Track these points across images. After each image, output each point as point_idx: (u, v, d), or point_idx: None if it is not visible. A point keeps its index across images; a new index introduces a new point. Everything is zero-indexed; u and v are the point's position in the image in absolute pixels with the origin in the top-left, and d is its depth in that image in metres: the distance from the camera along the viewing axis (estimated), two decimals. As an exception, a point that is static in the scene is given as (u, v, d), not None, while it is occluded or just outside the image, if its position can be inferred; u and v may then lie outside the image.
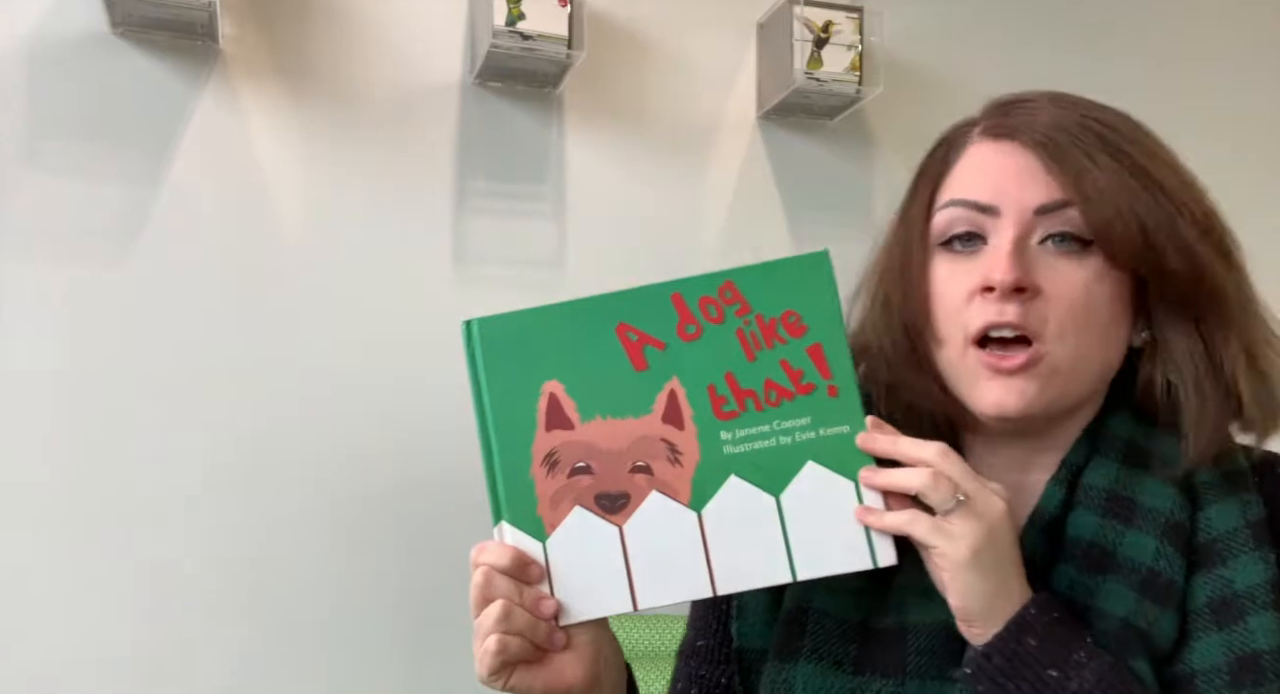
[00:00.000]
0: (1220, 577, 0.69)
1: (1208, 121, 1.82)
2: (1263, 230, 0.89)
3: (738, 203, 1.58)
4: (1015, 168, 0.71)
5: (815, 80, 1.49)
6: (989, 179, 0.72)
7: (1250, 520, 0.71)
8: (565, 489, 0.67)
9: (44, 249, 1.31)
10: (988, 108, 0.77)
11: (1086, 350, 0.70)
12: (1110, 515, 0.70)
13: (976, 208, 0.72)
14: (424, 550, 1.42)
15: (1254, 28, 1.88)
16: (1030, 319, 0.69)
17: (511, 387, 0.68)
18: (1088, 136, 0.71)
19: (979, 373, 0.70)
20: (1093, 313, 0.70)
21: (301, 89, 1.42)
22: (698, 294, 0.70)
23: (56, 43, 1.33)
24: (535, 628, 0.65)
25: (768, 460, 0.67)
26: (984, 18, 1.72)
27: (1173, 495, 0.71)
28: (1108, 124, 0.72)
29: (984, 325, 0.70)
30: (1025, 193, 0.70)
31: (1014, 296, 0.69)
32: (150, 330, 1.33)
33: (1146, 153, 0.72)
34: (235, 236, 1.38)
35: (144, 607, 1.31)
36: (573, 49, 1.40)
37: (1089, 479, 0.73)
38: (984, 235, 0.72)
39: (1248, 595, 0.68)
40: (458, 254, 1.46)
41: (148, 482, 1.32)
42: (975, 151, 0.74)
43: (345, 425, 1.40)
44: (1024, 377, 0.69)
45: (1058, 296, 0.69)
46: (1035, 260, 0.70)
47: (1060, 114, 0.72)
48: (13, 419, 1.28)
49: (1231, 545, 0.70)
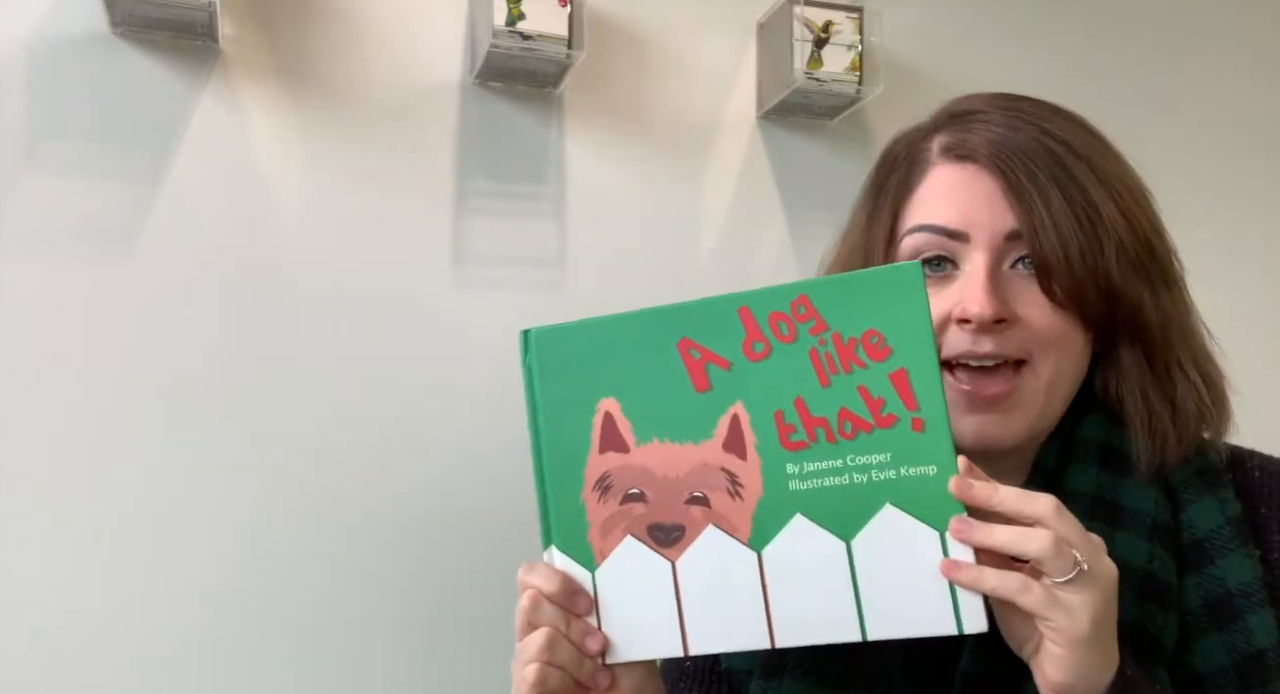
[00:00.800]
0: (1212, 576, 0.69)
1: (1209, 121, 1.82)
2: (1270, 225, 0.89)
3: (738, 203, 1.58)
4: (982, 193, 0.72)
5: (815, 80, 1.49)
6: (956, 205, 0.72)
7: (1230, 517, 0.71)
8: (617, 516, 0.63)
9: (43, 249, 1.31)
10: (940, 117, 0.77)
11: (1062, 369, 0.71)
12: (1098, 520, 0.71)
13: (946, 234, 0.72)
14: (424, 549, 1.42)
15: (1259, 25, 1.88)
16: (1008, 347, 0.70)
17: (567, 402, 0.64)
18: (1041, 160, 0.71)
19: (956, 401, 0.71)
20: (1064, 334, 0.71)
21: (301, 89, 1.42)
22: (768, 308, 0.62)
23: (56, 43, 1.33)
24: (580, 664, 0.63)
25: (839, 500, 0.60)
26: (984, 18, 1.72)
27: (1154, 496, 0.72)
28: (1061, 139, 0.72)
29: (959, 354, 0.70)
30: (995, 220, 0.71)
31: (991, 328, 0.69)
32: (150, 330, 1.33)
33: (1094, 173, 0.71)
34: (235, 236, 1.38)
35: (143, 607, 1.31)
36: (573, 49, 1.40)
37: (1072, 485, 0.73)
38: (954, 260, 0.72)
39: (1242, 594, 0.68)
40: (458, 254, 1.46)
41: (147, 481, 1.32)
42: (936, 174, 0.75)
43: (345, 425, 1.40)
44: (1004, 406, 0.70)
45: (1033, 321, 0.70)
46: (1008, 285, 0.71)
47: (1015, 132, 0.72)
48: (12, 419, 1.28)
49: (1217, 544, 0.70)
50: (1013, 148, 0.71)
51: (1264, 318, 1.78)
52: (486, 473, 1.45)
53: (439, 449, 1.43)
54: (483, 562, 1.43)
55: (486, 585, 1.44)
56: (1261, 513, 0.73)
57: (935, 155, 0.75)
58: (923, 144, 0.76)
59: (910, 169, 0.76)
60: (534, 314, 1.49)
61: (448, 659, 1.41)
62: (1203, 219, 1.77)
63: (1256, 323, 1.73)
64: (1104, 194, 0.71)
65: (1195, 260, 0.81)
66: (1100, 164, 0.72)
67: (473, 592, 1.43)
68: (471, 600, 1.43)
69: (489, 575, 1.44)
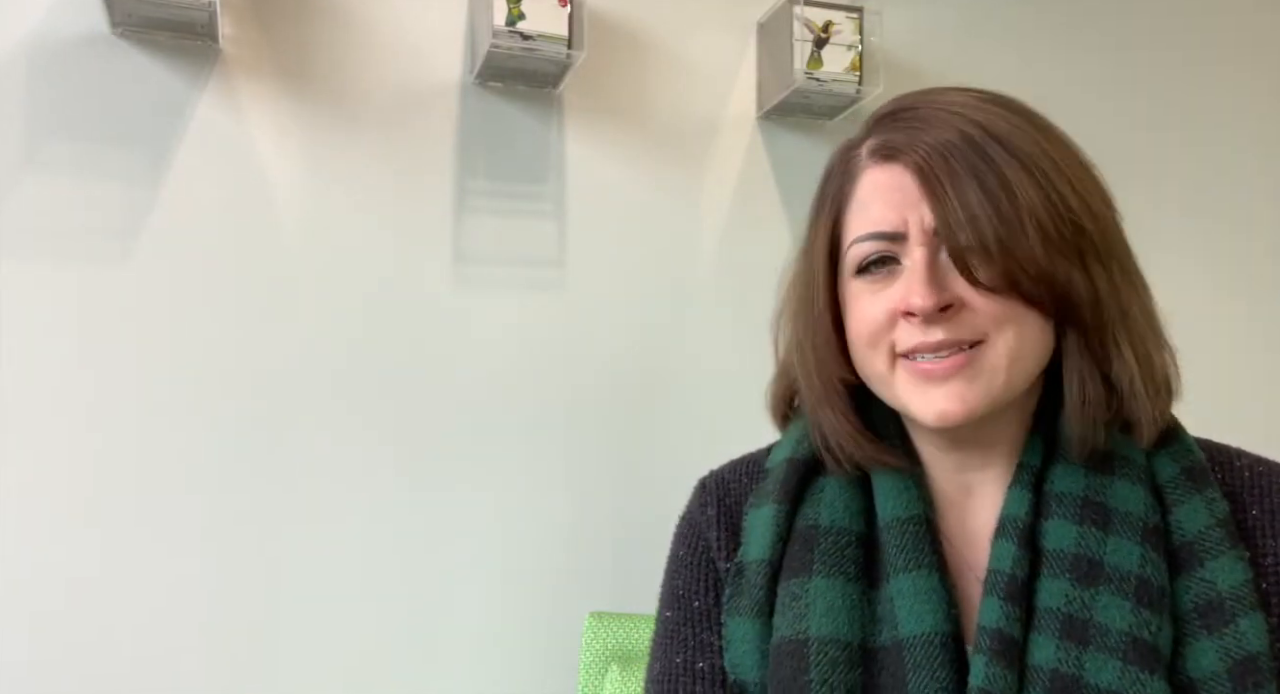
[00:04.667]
0: (1202, 579, 0.69)
1: (1209, 121, 1.82)
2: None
3: (738, 203, 1.58)
4: (909, 191, 0.72)
5: (815, 80, 1.49)
6: (887, 207, 0.73)
7: (1219, 518, 0.71)
8: None
9: (43, 249, 1.31)
10: (872, 120, 0.78)
11: (1023, 345, 0.70)
12: (1088, 523, 0.70)
13: (886, 238, 0.73)
14: (424, 550, 1.42)
15: (1262, 27, 1.88)
16: (961, 332, 0.70)
17: None
18: (958, 151, 0.70)
19: (913, 383, 0.71)
20: (1010, 313, 0.70)
21: (301, 89, 1.42)
22: None
23: (56, 43, 1.33)
24: None
25: None
26: (984, 18, 1.72)
27: (1142, 497, 0.71)
28: (982, 125, 0.71)
29: (911, 348, 0.71)
30: (923, 216, 0.71)
31: (937, 317, 0.69)
32: (150, 330, 1.33)
33: (1013, 155, 0.70)
34: (235, 236, 1.38)
35: (143, 607, 1.31)
36: (573, 49, 1.40)
37: (1060, 487, 0.72)
38: (896, 257, 0.73)
39: (1233, 597, 0.68)
40: (458, 254, 1.46)
41: (147, 481, 1.32)
42: (867, 178, 0.75)
43: (345, 425, 1.40)
44: (961, 379, 0.70)
45: (977, 305, 0.70)
46: (949, 273, 0.70)
47: (936, 127, 0.72)
48: (12, 419, 1.28)
49: (1207, 546, 0.70)
50: (932, 143, 0.71)
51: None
52: (487, 472, 1.45)
53: (439, 448, 1.43)
54: (482, 564, 1.44)
55: (485, 585, 1.44)
56: (1253, 514, 0.72)
57: (864, 159, 0.75)
58: (855, 150, 0.77)
59: (844, 178, 0.77)
60: (534, 314, 1.50)
61: (445, 661, 1.41)
62: (1206, 217, 1.78)
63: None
64: (1022, 175, 0.70)
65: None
66: (1019, 144, 0.71)
67: (470, 598, 1.43)
68: (469, 604, 1.43)
69: (488, 581, 1.44)
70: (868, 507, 0.76)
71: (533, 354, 1.46)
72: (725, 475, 0.85)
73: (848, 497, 0.76)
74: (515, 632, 1.44)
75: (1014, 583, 0.68)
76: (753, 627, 0.74)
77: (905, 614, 0.69)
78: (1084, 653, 0.66)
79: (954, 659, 0.68)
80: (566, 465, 1.48)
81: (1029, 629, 0.68)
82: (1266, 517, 0.72)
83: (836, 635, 0.70)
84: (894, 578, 0.70)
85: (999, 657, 0.66)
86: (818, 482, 0.78)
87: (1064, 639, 0.66)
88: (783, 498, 0.77)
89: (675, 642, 0.78)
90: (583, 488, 1.48)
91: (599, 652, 1.25)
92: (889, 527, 0.73)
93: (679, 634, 0.79)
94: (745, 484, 0.83)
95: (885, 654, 0.69)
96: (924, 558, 0.71)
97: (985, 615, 0.68)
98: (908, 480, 0.75)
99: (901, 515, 0.73)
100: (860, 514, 0.75)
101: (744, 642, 0.74)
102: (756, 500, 0.80)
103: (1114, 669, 0.65)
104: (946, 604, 0.70)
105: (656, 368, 1.51)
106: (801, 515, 0.77)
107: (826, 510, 0.76)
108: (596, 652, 1.25)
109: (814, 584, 0.72)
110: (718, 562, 0.80)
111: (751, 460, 0.86)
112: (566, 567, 1.46)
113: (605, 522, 1.47)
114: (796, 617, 0.71)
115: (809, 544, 0.74)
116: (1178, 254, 1.70)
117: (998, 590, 0.69)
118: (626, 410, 1.50)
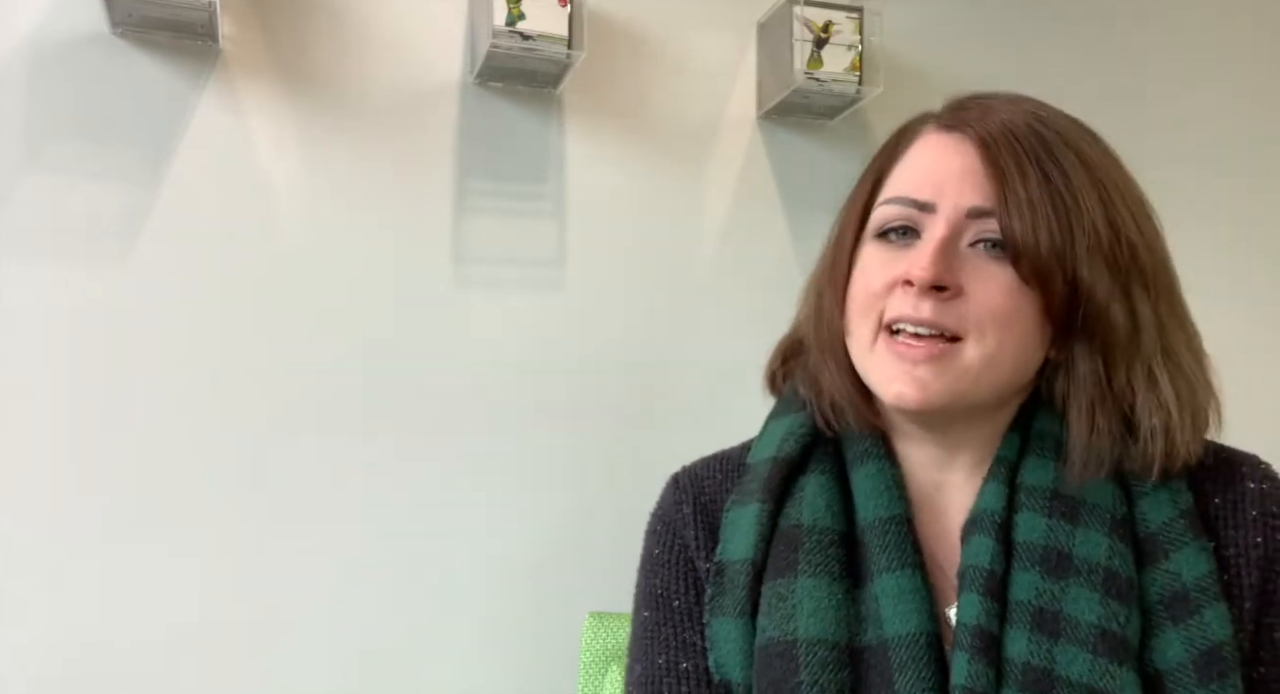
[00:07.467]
0: (1167, 570, 0.69)
1: (1210, 120, 1.82)
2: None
3: (738, 203, 1.58)
4: (958, 166, 0.71)
5: (815, 80, 1.48)
6: (931, 175, 0.72)
7: (1183, 509, 0.71)
8: None
9: (43, 249, 1.31)
10: (948, 101, 0.78)
11: (1002, 353, 0.70)
12: (1057, 515, 0.70)
13: (915, 205, 0.72)
14: (423, 549, 1.42)
15: (1264, 30, 1.88)
16: (947, 318, 0.69)
17: None
18: (1029, 140, 0.70)
19: (888, 359, 0.71)
20: (1013, 318, 0.70)
21: (301, 89, 1.42)
22: None
23: (56, 43, 1.33)
24: None
25: None
26: (984, 18, 1.72)
27: (1110, 490, 0.71)
28: (1054, 127, 0.72)
29: (897, 317, 0.71)
30: (962, 194, 0.70)
31: (932, 294, 0.69)
32: (150, 330, 1.33)
33: (1082, 162, 0.70)
34: (235, 236, 1.38)
35: (142, 607, 1.31)
36: (573, 49, 1.40)
37: (1029, 480, 0.72)
38: (919, 230, 0.72)
39: (1197, 588, 0.68)
40: (458, 254, 1.46)
41: (146, 481, 1.32)
42: (924, 142, 0.75)
43: (344, 424, 1.40)
44: (928, 367, 0.70)
45: (980, 299, 0.69)
46: (963, 261, 0.70)
47: (1011, 115, 0.72)
48: (12, 419, 1.28)
49: (1171, 537, 0.70)
50: (1002, 124, 0.71)
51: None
52: (487, 472, 1.45)
53: (440, 448, 1.43)
54: (482, 565, 1.44)
55: (485, 584, 1.44)
56: (1215, 503, 0.72)
57: (929, 125, 0.75)
58: (922, 120, 0.77)
59: (901, 138, 0.77)
60: (534, 314, 1.50)
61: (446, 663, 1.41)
62: (1208, 216, 1.78)
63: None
64: (1087, 183, 0.70)
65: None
66: (1089, 155, 0.71)
67: (470, 599, 1.43)
68: (469, 603, 1.43)
69: (488, 580, 1.44)
70: (848, 505, 0.76)
71: (532, 354, 1.46)
72: (699, 472, 0.84)
73: (829, 496, 0.76)
74: (515, 632, 1.44)
75: (992, 578, 0.68)
76: (737, 627, 0.73)
77: (890, 614, 0.69)
78: (1055, 645, 0.66)
79: (937, 657, 0.68)
80: (566, 465, 1.48)
81: (1004, 623, 0.68)
82: (1229, 507, 0.72)
83: (824, 636, 0.70)
84: (877, 578, 0.70)
85: (979, 654, 0.66)
86: (798, 481, 0.78)
87: (1035, 632, 0.66)
88: (766, 497, 0.77)
89: (656, 642, 0.77)
90: (582, 487, 1.48)
91: (599, 652, 1.25)
92: (870, 527, 0.73)
93: (659, 634, 0.78)
94: (721, 481, 0.82)
95: (871, 653, 0.69)
96: (906, 557, 0.71)
97: (964, 611, 0.68)
98: (887, 479, 0.75)
99: (883, 515, 0.73)
100: (841, 513, 0.75)
101: (729, 642, 0.74)
102: (738, 498, 0.79)
103: (1084, 661, 0.65)
104: (929, 603, 0.70)
105: (656, 367, 1.51)
106: (784, 515, 0.76)
107: (809, 510, 0.75)
108: (596, 652, 1.25)
109: (800, 584, 0.71)
110: (696, 560, 0.79)
111: (726, 457, 0.85)
112: (566, 566, 1.46)
113: (605, 521, 1.47)
114: (784, 617, 0.71)
115: (793, 544, 0.74)
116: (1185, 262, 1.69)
117: (976, 586, 0.69)
118: (626, 410, 1.50)
